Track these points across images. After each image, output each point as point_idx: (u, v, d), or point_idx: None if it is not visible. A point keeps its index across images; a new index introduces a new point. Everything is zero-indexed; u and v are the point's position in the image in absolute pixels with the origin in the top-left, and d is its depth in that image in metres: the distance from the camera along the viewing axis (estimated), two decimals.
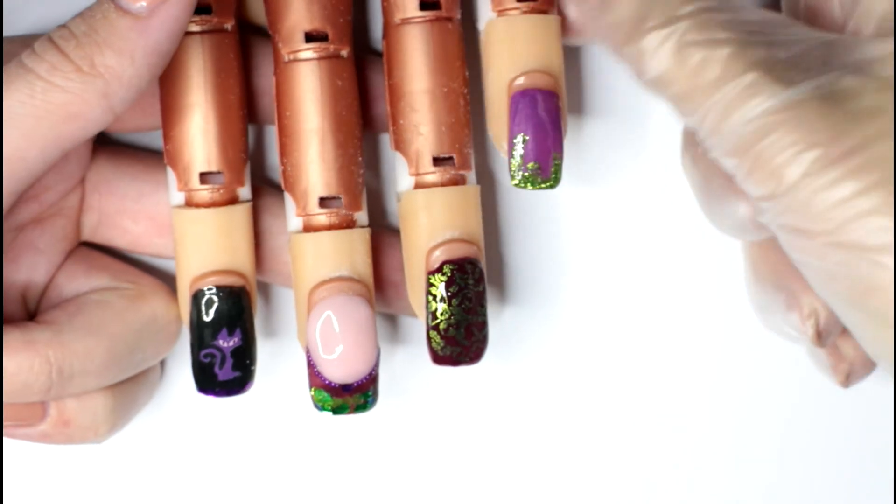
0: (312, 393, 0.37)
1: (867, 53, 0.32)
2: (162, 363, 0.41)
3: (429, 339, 0.38)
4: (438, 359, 0.38)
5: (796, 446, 0.42)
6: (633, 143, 0.41)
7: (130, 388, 0.39)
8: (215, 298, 0.37)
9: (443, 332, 0.38)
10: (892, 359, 0.32)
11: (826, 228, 0.31)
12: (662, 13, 0.33)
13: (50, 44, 0.35)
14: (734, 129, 0.32)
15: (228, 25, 0.38)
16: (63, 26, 0.35)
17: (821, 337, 0.37)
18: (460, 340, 0.38)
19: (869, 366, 0.38)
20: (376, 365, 0.37)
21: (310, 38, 0.38)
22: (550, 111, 0.37)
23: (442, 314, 0.37)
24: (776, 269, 0.38)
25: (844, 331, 0.37)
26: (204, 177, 0.38)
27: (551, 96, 0.37)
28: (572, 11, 0.38)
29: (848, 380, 0.38)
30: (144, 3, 0.34)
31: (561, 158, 0.37)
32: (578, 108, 0.41)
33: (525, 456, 0.42)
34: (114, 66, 0.34)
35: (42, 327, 0.37)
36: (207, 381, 0.38)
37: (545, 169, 0.37)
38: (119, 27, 0.34)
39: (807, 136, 0.31)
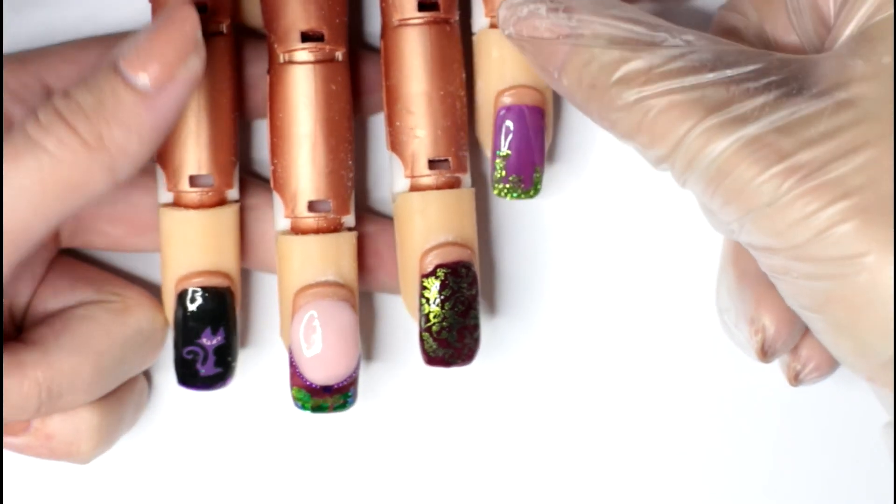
0: (293, 392, 0.38)
1: (826, 80, 0.34)
2: (149, 378, 0.42)
3: (422, 340, 0.38)
4: (431, 360, 0.38)
5: (792, 447, 0.42)
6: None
7: (115, 405, 0.39)
8: (200, 299, 0.38)
9: (435, 335, 0.38)
10: (854, 363, 0.34)
11: (788, 245, 0.33)
12: (615, 72, 0.34)
13: (57, 116, 0.34)
14: (700, 170, 0.33)
15: (224, 26, 0.38)
16: (68, 96, 0.35)
17: (765, 353, 0.38)
18: (453, 343, 0.38)
19: (822, 370, 0.39)
20: (357, 368, 0.38)
21: (306, 37, 0.38)
22: (535, 126, 0.38)
23: (435, 317, 0.38)
24: (740, 278, 0.39)
25: (806, 333, 0.39)
26: (193, 179, 0.38)
27: (537, 112, 0.38)
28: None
29: (796, 380, 0.39)
30: (149, 81, 0.35)
31: (542, 171, 0.39)
32: (572, 110, 0.41)
33: (514, 458, 0.42)
34: (121, 141, 0.35)
35: (30, 348, 0.37)
36: (189, 376, 0.38)
37: (526, 181, 0.38)
38: (127, 102, 0.35)
39: (765, 167, 0.33)
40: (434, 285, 0.38)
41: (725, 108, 0.33)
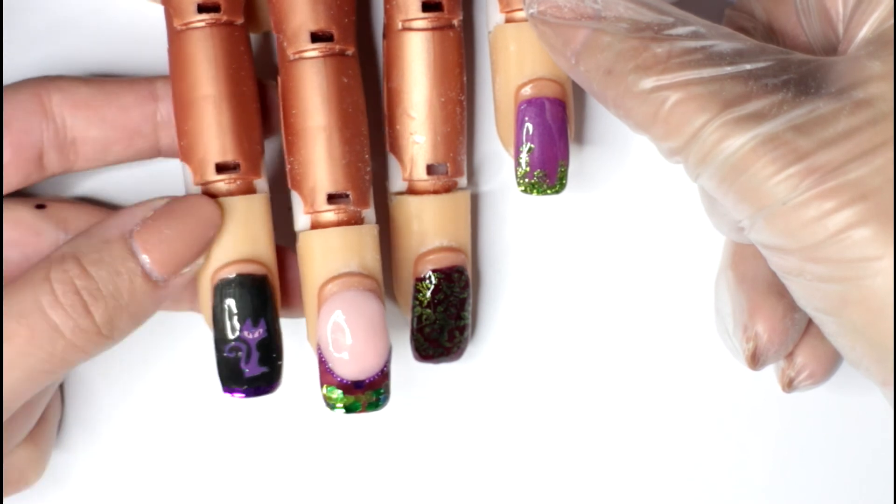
0: (324, 391, 0.37)
1: (843, 79, 0.33)
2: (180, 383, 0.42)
3: (413, 339, 0.39)
4: (421, 357, 0.39)
5: (792, 449, 0.43)
6: (630, 144, 0.42)
7: (45, 427, 0.39)
8: (238, 287, 0.36)
9: (426, 335, 0.39)
10: (870, 367, 0.33)
11: (801, 246, 0.33)
12: (633, 59, 0.34)
13: (76, 297, 0.35)
14: (715, 165, 0.33)
15: (237, 22, 0.38)
16: (85, 272, 0.35)
17: (755, 360, 0.38)
18: (443, 343, 0.39)
19: (816, 378, 0.40)
20: (388, 361, 0.37)
21: (315, 38, 0.38)
22: (557, 119, 0.38)
23: (426, 319, 0.39)
24: (738, 283, 0.39)
25: (801, 340, 0.39)
26: (220, 169, 0.37)
27: (558, 104, 0.38)
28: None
29: (790, 386, 0.40)
30: (162, 275, 0.35)
31: (567, 165, 0.39)
32: (579, 109, 0.42)
33: (510, 457, 0.43)
34: (126, 329, 0.36)
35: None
36: (234, 377, 0.37)
37: (551, 176, 0.38)
38: (139, 294, 0.35)
39: (783, 166, 0.32)
40: (428, 289, 0.39)
41: (743, 103, 0.33)
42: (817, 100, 0.33)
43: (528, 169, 0.38)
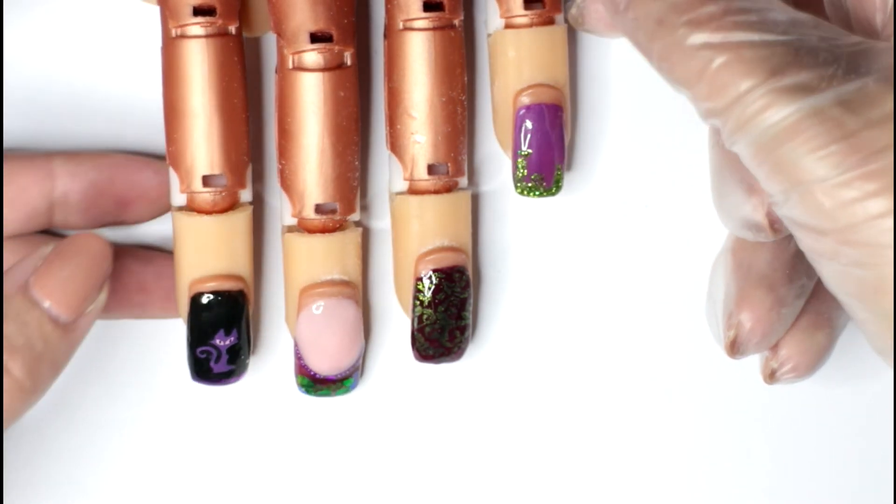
0: (298, 379, 0.40)
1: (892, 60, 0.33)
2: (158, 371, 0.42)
3: (413, 339, 0.40)
4: (422, 357, 0.40)
5: (790, 446, 0.43)
6: (630, 145, 0.42)
7: None
8: (214, 303, 0.38)
9: (427, 335, 0.39)
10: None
11: (838, 227, 0.32)
12: (687, 12, 0.33)
13: None
14: (755, 133, 0.32)
15: (232, 28, 0.38)
16: None
17: (734, 348, 0.38)
18: (443, 343, 0.40)
19: (799, 371, 0.39)
20: (359, 358, 0.40)
21: (315, 38, 0.38)
22: (554, 124, 0.39)
23: (427, 319, 0.39)
24: (734, 270, 0.39)
25: (788, 333, 0.39)
26: (206, 179, 0.38)
27: (556, 109, 0.39)
28: (599, 6, 0.38)
29: (772, 378, 0.40)
30: (69, 316, 0.36)
31: (563, 168, 0.39)
32: (575, 108, 0.42)
33: (514, 455, 0.43)
34: (47, 379, 0.36)
35: None
36: (202, 373, 0.39)
37: (547, 179, 0.39)
38: (52, 339, 0.36)
39: (826, 143, 0.31)
40: (428, 289, 0.39)
41: (792, 72, 0.32)
42: (868, 79, 0.32)
43: (525, 172, 0.39)
